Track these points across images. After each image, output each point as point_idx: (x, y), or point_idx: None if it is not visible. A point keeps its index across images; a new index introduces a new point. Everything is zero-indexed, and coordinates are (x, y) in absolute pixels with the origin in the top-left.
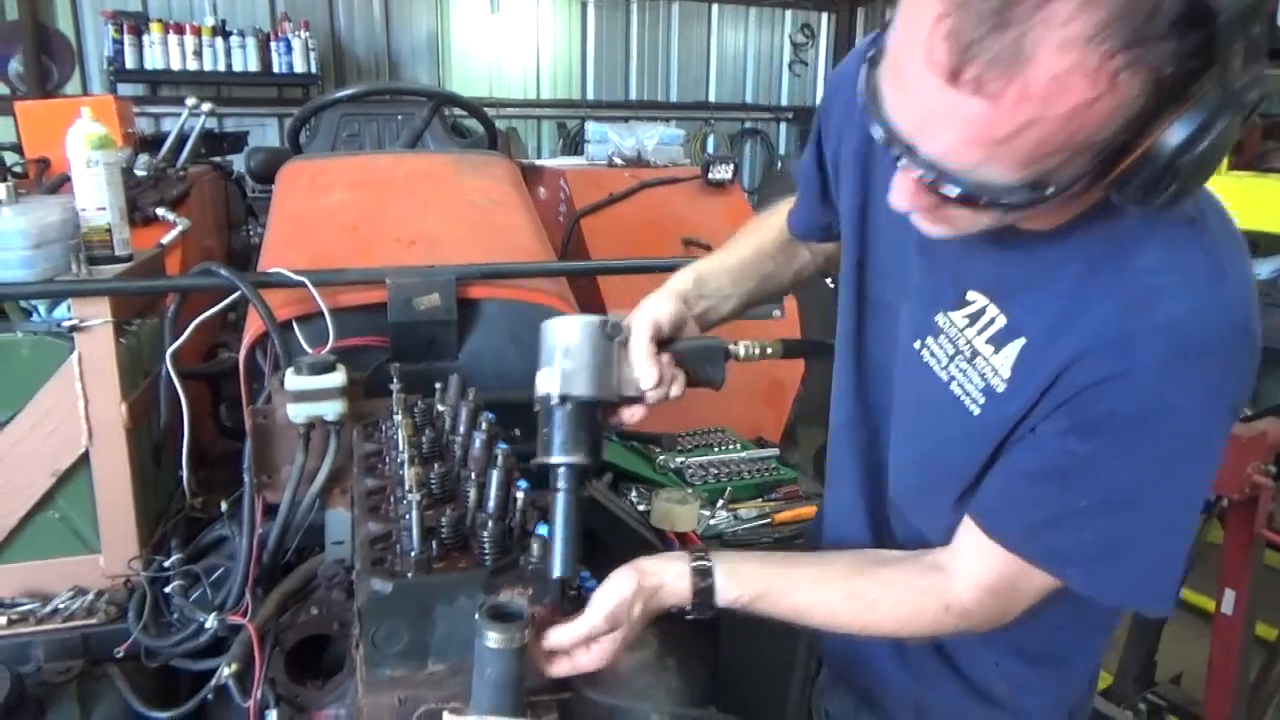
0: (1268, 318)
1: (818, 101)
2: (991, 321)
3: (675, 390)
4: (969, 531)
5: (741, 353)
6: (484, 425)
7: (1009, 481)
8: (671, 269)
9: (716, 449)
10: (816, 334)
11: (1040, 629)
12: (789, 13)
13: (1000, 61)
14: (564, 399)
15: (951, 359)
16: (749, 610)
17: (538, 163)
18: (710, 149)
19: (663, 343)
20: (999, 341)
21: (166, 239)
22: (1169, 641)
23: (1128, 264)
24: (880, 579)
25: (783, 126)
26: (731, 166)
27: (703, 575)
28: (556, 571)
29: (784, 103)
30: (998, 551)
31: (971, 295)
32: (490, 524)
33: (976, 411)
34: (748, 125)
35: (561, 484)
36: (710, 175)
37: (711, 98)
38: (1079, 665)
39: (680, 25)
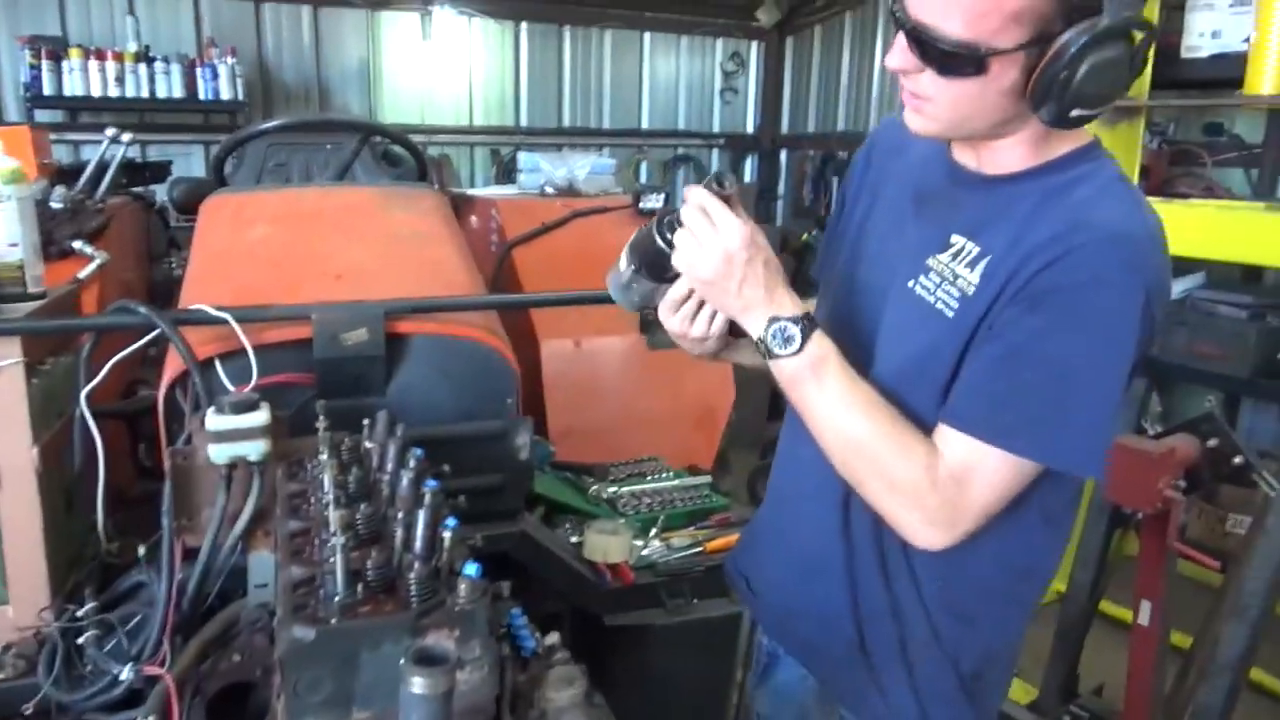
0: (1173, 337)
1: (749, 128)
2: (969, 252)
3: (713, 329)
4: (939, 431)
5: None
6: (412, 463)
7: (970, 375)
8: (601, 301)
9: (649, 478)
10: None
11: (970, 589)
12: (719, 41)
13: None
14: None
15: (938, 285)
16: (810, 373)
17: (469, 192)
18: (644, 175)
19: None
20: (973, 264)
21: (83, 273)
22: (1090, 653)
23: (1069, 197)
24: (906, 421)
25: (715, 153)
26: (663, 195)
27: (809, 317)
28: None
29: (716, 129)
30: (959, 438)
31: (954, 238)
32: (417, 565)
33: (951, 315)
34: (680, 152)
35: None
36: (641, 205)
37: (644, 125)
38: (998, 634)
39: (613, 53)
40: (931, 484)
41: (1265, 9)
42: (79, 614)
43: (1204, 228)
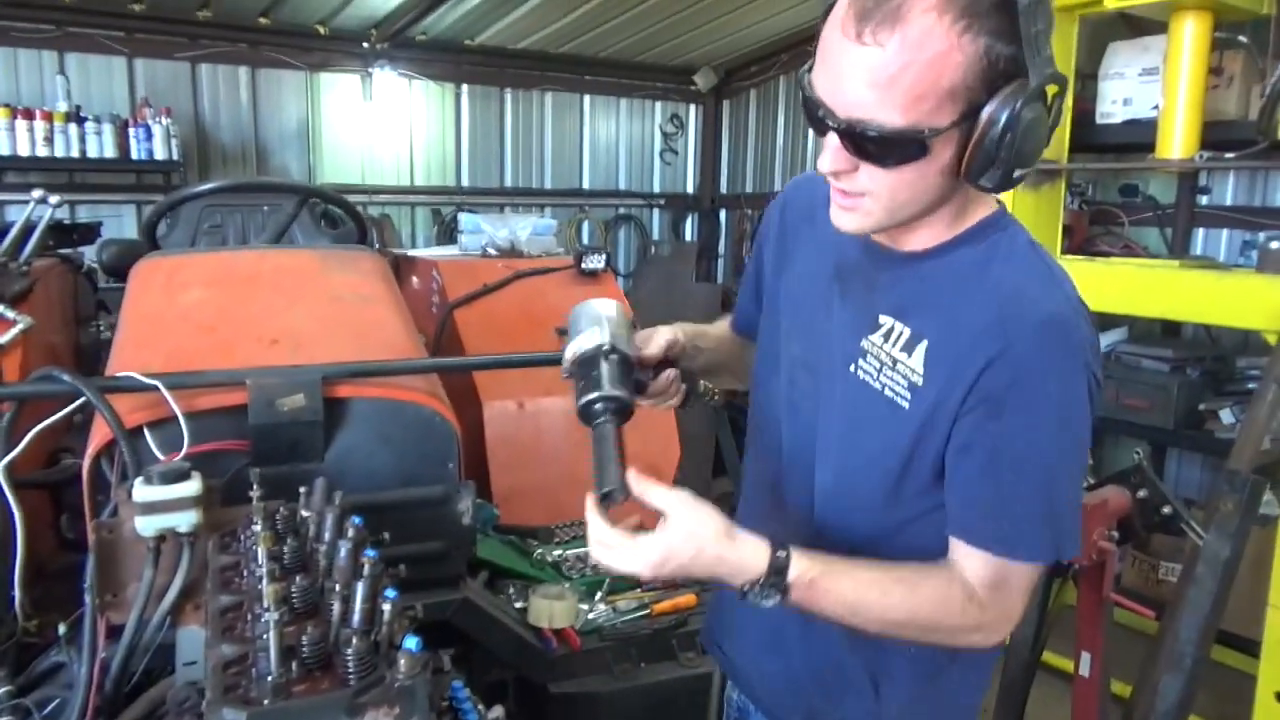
0: (1102, 389)
1: (689, 188)
2: (901, 334)
3: (674, 400)
4: (955, 545)
5: (702, 389)
6: (350, 531)
7: (962, 492)
8: (544, 363)
9: None
10: (691, 420)
11: (937, 650)
12: (659, 104)
13: (886, 21)
14: (612, 349)
15: (880, 370)
16: (809, 593)
17: (410, 253)
18: (585, 235)
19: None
20: (909, 347)
21: (3, 339)
22: (1035, 705)
23: (990, 276)
24: (915, 568)
25: (655, 212)
26: (604, 256)
27: (780, 544)
28: (605, 487)
29: (656, 189)
30: (983, 555)
31: (882, 319)
32: (355, 640)
33: (906, 406)
34: (621, 211)
35: (605, 416)
36: (583, 265)
37: (585, 185)
38: (965, 690)
39: (553, 115)
40: (980, 608)
41: (1171, 80)
42: None
43: (1125, 285)
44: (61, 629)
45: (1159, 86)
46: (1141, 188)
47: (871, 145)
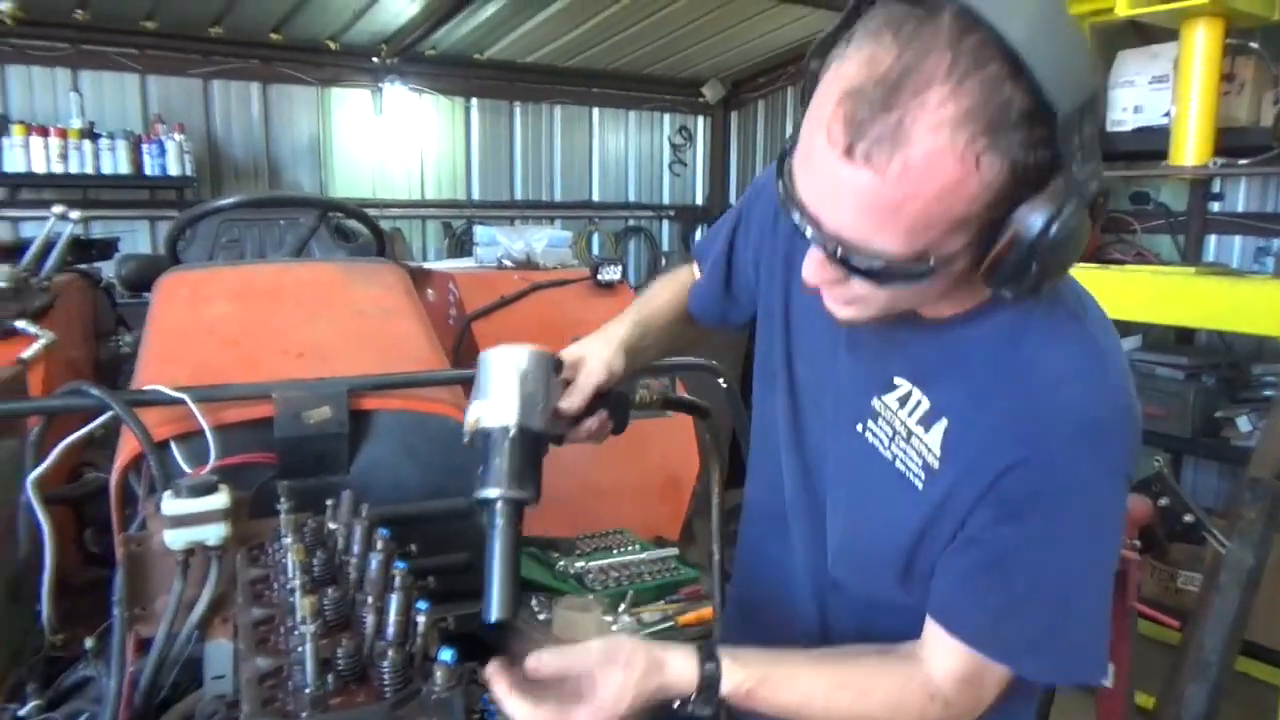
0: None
1: (698, 199)
2: (918, 404)
3: (596, 429)
4: (933, 628)
5: (638, 398)
6: (379, 544)
7: (957, 580)
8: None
9: (616, 551)
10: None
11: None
12: (667, 116)
13: (885, 139)
14: (520, 430)
15: (892, 439)
16: (748, 703)
17: (426, 266)
18: (595, 247)
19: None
20: (927, 422)
21: (27, 354)
22: (1059, 717)
23: (1024, 355)
24: (869, 666)
25: (665, 224)
26: (619, 268)
27: (709, 655)
28: (494, 615)
29: (666, 201)
30: (960, 647)
31: (898, 380)
32: (390, 652)
33: (920, 486)
34: (631, 223)
35: (502, 520)
36: (599, 276)
37: (595, 197)
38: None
39: (563, 127)
40: (944, 705)
41: (1183, 87)
42: (21, 713)
43: (1139, 293)
44: (89, 643)
45: (1169, 93)
46: (1153, 195)
47: (862, 266)
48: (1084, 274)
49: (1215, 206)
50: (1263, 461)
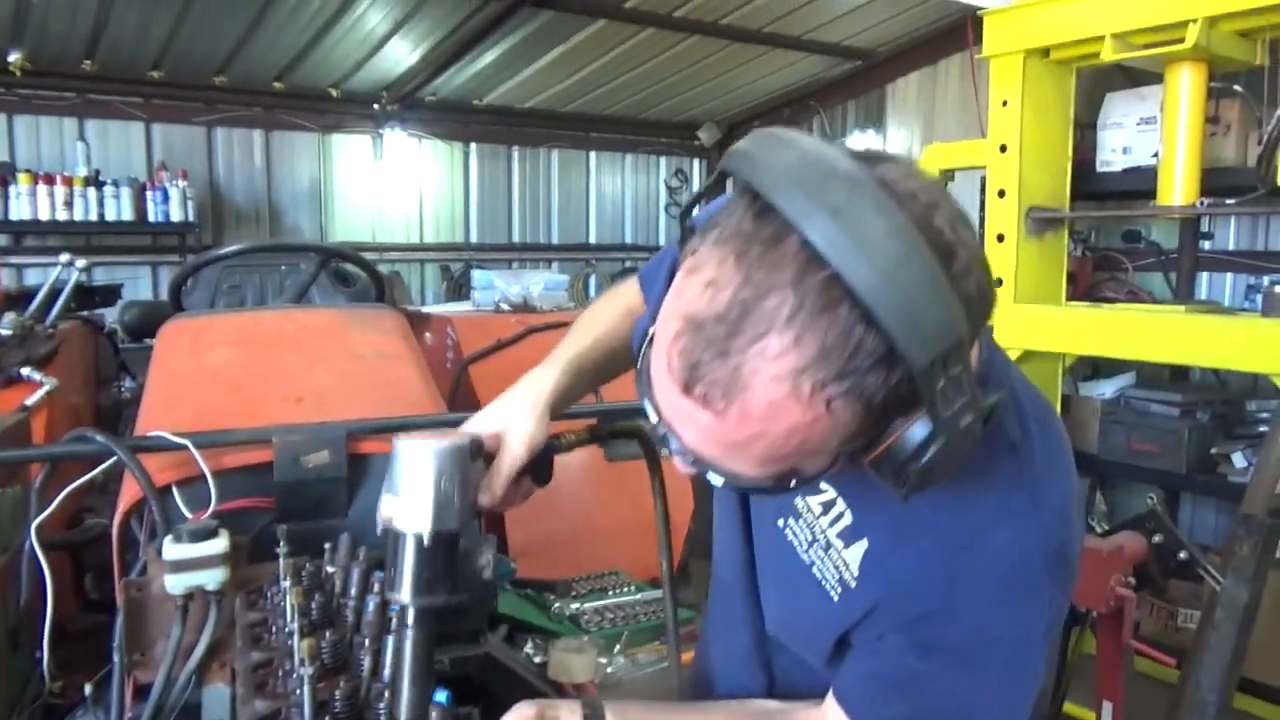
0: (1111, 435)
1: None
2: (840, 516)
3: (520, 502)
4: (834, 704)
5: (563, 445)
6: (376, 587)
7: (867, 682)
8: (561, 418)
9: (611, 592)
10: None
11: None
12: (663, 159)
13: (721, 384)
14: (434, 535)
15: (811, 544)
16: None
17: (424, 310)
18: (592, 288)
19: None
20: (847, 538)
21: (31, 400)
22: None
23: (951, 490)
24: (757, 716)
25: None
26: None
27: (594, 711)
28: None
29: (662, 242)
30: None
31: (823, 484)
32: (387, 694)
33: (835, 598)
34: (628, 264)
35: (416, 627)
36: None
37: (592, 239)
38: None
39: (560, 171)
40: None
41: (1170, 129)
42: None
43: (1132, 331)
44: (88, 689)
45: (1157, 134)
46: (1144, 234)
47: (724, 480)
48: (1077, 313)
49: (1206, 245)
50: (1256, 497)
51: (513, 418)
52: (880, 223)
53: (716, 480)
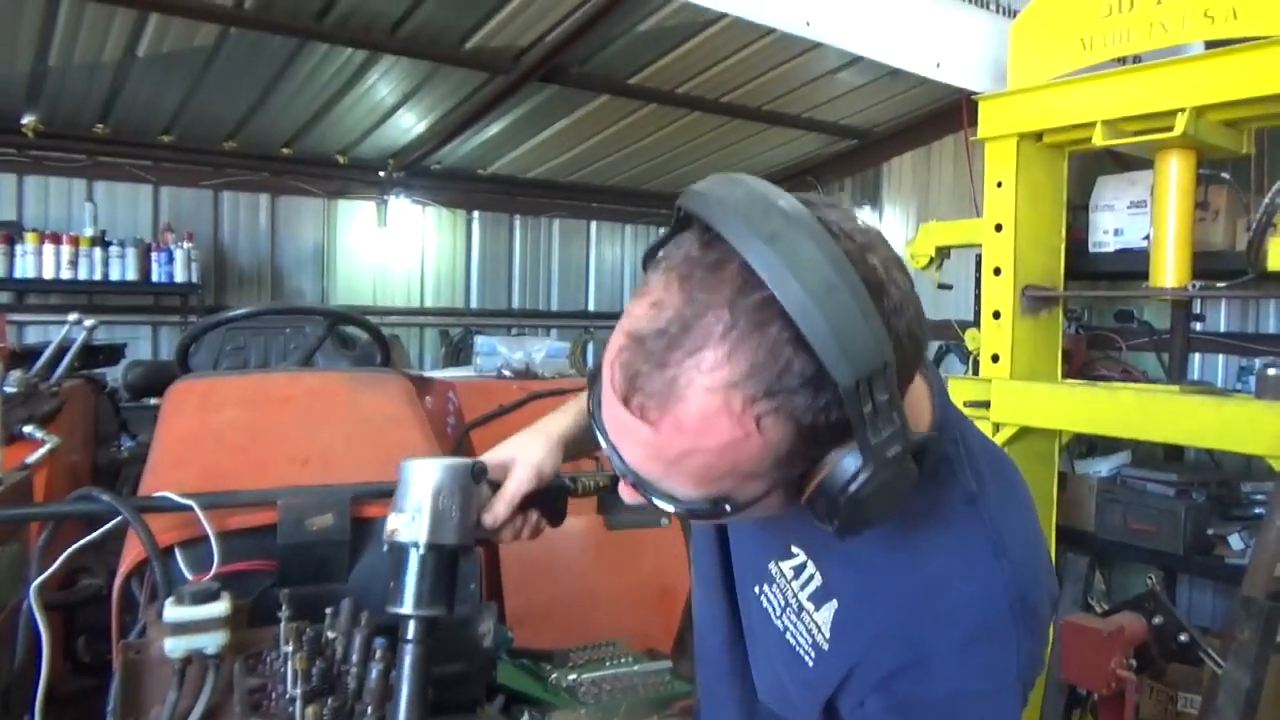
0: (1108, 514)
1: None
2: (811, 578)
3: (526, 534)
4: None
5: (579, 488)
6: (378, 654)
7: None
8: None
9: (608, 663)
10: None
11: None
12: (663, 229)
13: (657, 395)
14: (431, 547)
15: (784, 609)
16: None
17: (426, 374)
18: (590, 356)
19: None
20: (818, 600)
21: (33, 458)
22: None
23: (914, 544)
24: None
25: None
26: None
27: None
28: None
29: None
30: None
31: (794, 549)
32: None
33: (810, 663)
34: None
35: (414, 636)
36: None
37: (591, 307)
38: None
39: (561, 239)
40: None
41: (1160, 213)
42: None
43: (1127, 410)
44: None
45: (1148, 217)
46: (1137, 314)
47: (664, 504)
48: (1073, 391)
49: (1197, 326)
50: (1255, 580)
51: (522, 448)
52: (814, 250)
53: (664, 505)
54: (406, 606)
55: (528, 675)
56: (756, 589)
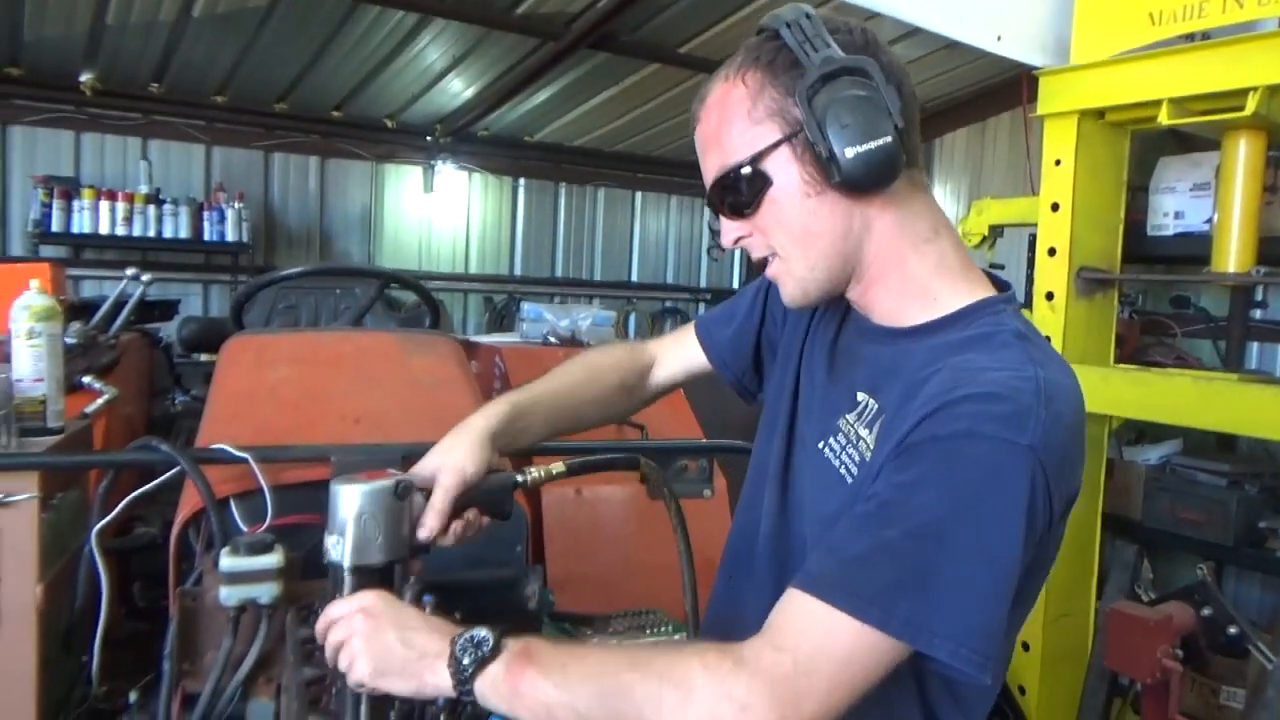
0: (1157, 502)
1: (734, 284)
2: (868, 409)
3: (470, 534)
4: (782, 596)
5: (529, 481)
6: (427, 609)
7: (831, 535)
8: (605, 450)
9: (649, 631)
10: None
11: None
12: None
13: (699, 101)
14: (355, 569)
15: (844, 448)
16: (523, 668)
17: (472, 339)
18: (632, 326)
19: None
20: (871, 423)
21: (90, 408)
22: None
23: (963, 354)
24: (660, 651)
25: (701, 306)
26: None
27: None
28: None
29: (703, 284)
30: (799, 600)
31: (860, 396)
32: (442, 716)
33: (850, 481)
34: (668, 304)
35: None
36: None
37: (634, 278)
38: None
39: (605, 209)
40: (736, 663)
41: (1226, 196)
42: None
43: (1182, 396)
44: (133, 696)
45: (1210, 201)
46: (1194, 300)
47: (729, 198)
48: (1127, 375)
49: (1257, 314)
50: None
51: (445, 454)
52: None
53: (725, 206)
54: None
55: (568, 639)
56: (820, 444)
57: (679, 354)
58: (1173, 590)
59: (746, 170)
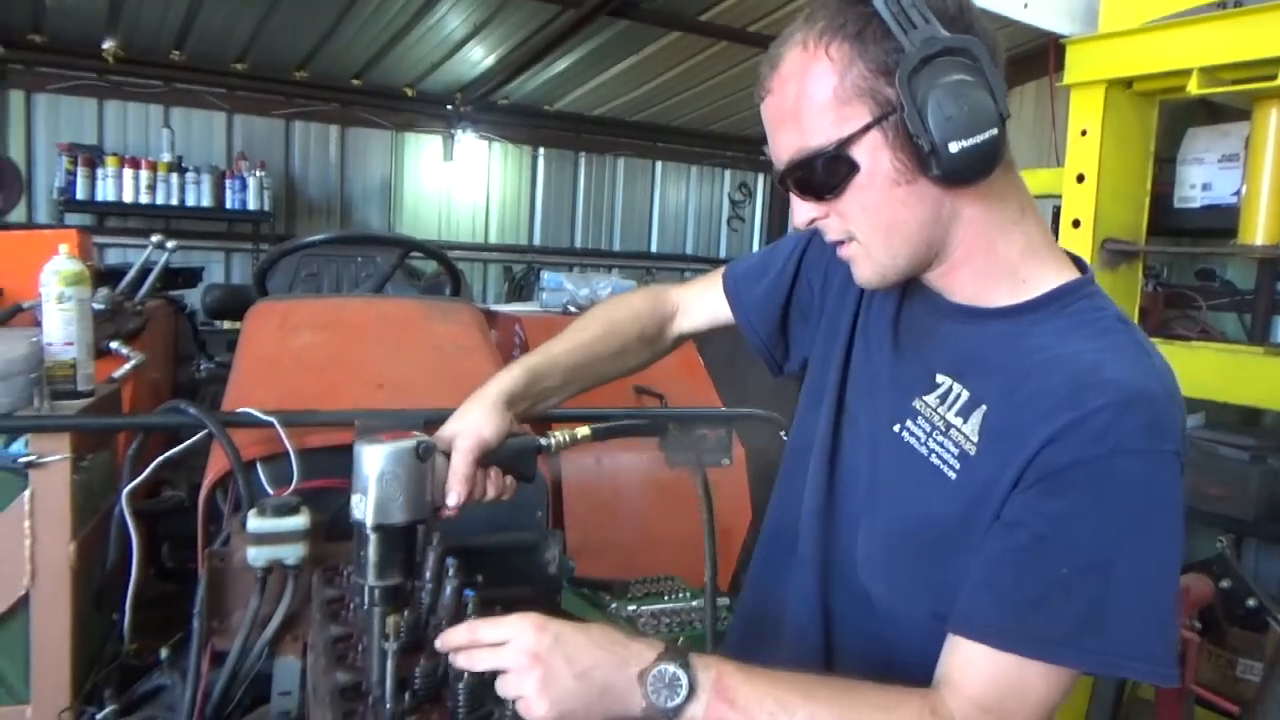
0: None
1: None
2: (958, 397)
3: (491, 494)
4: (952, 645)
5: (553, 445)
6: (450, 572)
7: (988, 574)
8: (624, 418)
9: (667, 597)
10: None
11: None
12: (728, 172)
13: (769, 68)
14: (377, 528)
15: (929, 434)
16: (724, 710)
17: (492, 308)
18: None
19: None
20: (965, 412)
21: (119, 373)
22: None
23: (1066, 344)
24: (868, 698)
25: None
26: None
27: (681, 655)
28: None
29: (723, 255)
30: (985, 655)
31: (940, 378)
32: (466, 675)
33: (953, 476)
34: (687, 275)
35: (378, 604)
36: None
37: (653, 248)
38: None
39: (625, 179)
40: None
41: (1255, 166)
42: (99, 717)
43: (1206, 369)
44: (164, 653)
45: (1239, 172)
46: (1219, 272)
47: (810, 180)
48: None
49: None
50: None
51: (464, 419)
52: None
53: (800, 188)
54: (367, 578)
55: (587, 604)
56: (897, 427)
57: (704, 305)
58: (1192, 562)
59: (837, 149)
